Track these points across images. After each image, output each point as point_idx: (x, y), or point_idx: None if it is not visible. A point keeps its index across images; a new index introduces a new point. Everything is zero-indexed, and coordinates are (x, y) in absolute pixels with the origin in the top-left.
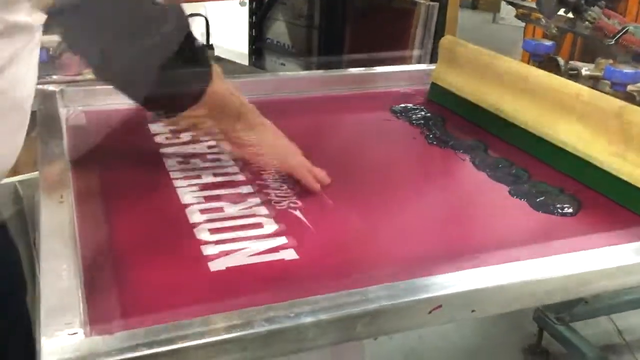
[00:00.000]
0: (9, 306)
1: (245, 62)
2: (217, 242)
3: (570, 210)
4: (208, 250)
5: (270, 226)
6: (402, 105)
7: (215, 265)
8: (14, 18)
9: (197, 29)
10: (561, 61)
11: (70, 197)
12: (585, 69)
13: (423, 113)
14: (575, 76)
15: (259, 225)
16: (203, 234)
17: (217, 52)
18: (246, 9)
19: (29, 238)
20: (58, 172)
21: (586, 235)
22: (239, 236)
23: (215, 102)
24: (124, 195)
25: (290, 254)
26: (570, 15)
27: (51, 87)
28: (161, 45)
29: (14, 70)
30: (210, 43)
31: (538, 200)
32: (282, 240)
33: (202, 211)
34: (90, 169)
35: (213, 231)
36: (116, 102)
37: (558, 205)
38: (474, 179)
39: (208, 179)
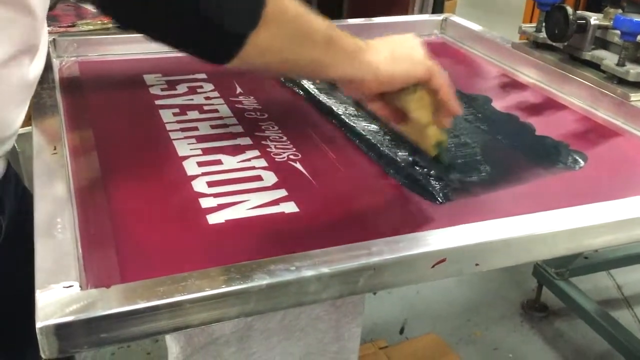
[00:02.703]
0: None
1: None
2: (216, 195)
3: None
4: (206, 203)
5: (270, 179)
6: None
7: (213, 219)
8: None
9: None
10: (570, 10)
11: (63, 149)
12: (594, 19)
13: None
14: (583, 26)
15: (258, 178)
16: (201, 187)
17: None
18: None
19: None
20: (51, 124)
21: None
22: (238, 189)
23: None
24: (119, 148)
25: (290, 207)
26: None
27: None
28: None
29: None
30: None
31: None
32: (282, 192)
33: (200, 163)
34: (84, 121)
35: (211, 184)
36: (110, 52)
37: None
38: None
39: (205, 130)
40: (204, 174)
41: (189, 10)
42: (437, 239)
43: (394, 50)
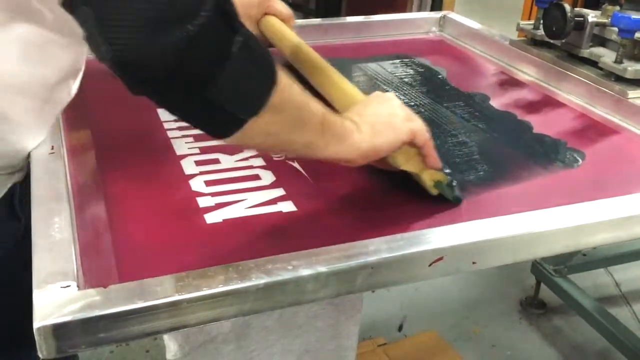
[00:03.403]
0: None
1: None
2: (213, 194)
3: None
4: (204, 202)
5: (268, 177)
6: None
7: (211, 218)
8: None
9: None
10: (567, 7)
11: (61, 149)
12: (592, 16)
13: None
14: (581, 23)
15: (256, 177)
16: (199, 186)
17: None
18: None
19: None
20: None
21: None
22: (236, 188)
23: None
24: (117, 147)
25: (288, 206)
26: None
27: None
28: None
29: None
30: None
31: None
32: (280, 191)
33: (198, 162)
34: (82, 120)
35: (209, 183)
36: None
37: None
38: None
39: None
40: (201, 173)
41: (197, 91)
42: (434, 238)
43: (374, 123)
